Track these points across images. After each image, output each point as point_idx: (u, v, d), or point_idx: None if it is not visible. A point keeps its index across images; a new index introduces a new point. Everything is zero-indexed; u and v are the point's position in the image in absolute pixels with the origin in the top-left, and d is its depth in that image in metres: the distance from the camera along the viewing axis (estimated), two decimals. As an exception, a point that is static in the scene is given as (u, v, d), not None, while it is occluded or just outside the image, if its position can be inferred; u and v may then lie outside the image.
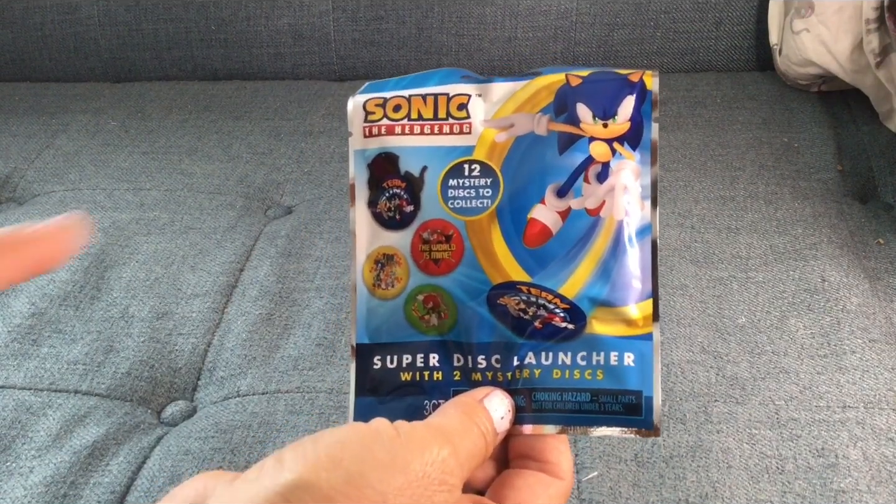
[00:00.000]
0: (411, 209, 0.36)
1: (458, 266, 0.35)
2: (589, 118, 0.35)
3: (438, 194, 0.36)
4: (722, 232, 0.73)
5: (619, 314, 0.34)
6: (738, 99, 0.93)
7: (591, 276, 0.34)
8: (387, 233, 0.36)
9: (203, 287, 0.71)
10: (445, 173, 0.36)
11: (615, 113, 0.35)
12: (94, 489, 0.55)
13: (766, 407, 0.56)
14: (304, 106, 0.99)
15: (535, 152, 0.35)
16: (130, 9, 1.06)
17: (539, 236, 0.34)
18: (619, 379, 0.34)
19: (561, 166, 0.35)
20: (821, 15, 0.87)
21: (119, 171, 0.88)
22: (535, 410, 0.34)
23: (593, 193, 0.34)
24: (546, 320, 0.34)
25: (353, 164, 0.37)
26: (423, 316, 0.35)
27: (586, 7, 1.01)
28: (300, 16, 1.04)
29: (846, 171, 0.81)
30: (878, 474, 0.51)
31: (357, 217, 0.37)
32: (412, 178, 0.36)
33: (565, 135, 0.35)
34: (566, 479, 0.33)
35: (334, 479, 0.26)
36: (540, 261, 0.34)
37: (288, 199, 0.84)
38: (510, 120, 0.35)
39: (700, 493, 0.51)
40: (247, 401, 0.60)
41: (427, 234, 0.36)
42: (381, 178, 0.36)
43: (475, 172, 0.35)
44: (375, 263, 0.36)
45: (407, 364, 0.35)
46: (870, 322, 0.62)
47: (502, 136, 0.35)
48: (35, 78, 1.10)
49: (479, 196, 0.35)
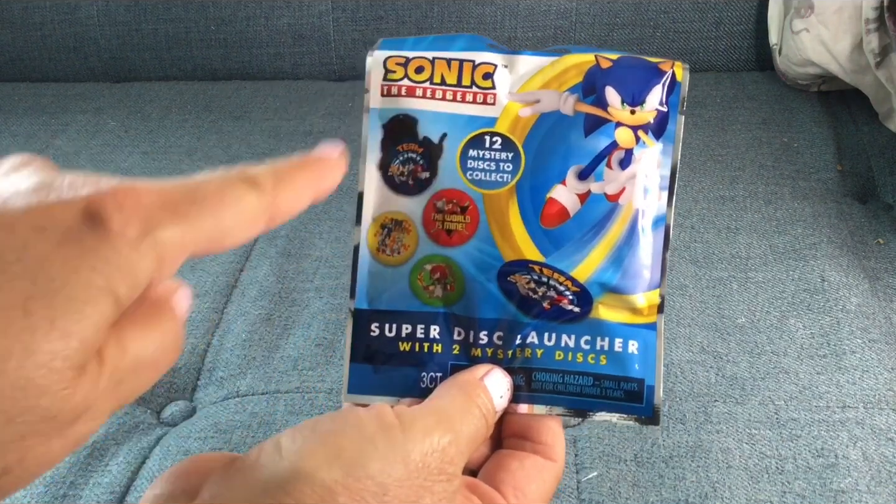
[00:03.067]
0: (426, 176, 0.35)
1: (471, 239, 0.34)
2: (617, 103, 0.34)
3: (457, 163, 0.35)
4: (722, 232, 0.73)
5: (626, 302, 0.34)
6: (738, 99, 0.93)
7: (604, 262, 0.34)
8: (397, 197, 0.35)
9: (202, 287, 0.71)
10: (466, 143, 0.35)
11: (643, 100, 0.34)
12: (93, 489, 0.55)
13: (765, 407, 0.56)
14: (304, 106, 0.99)
15: (560, 132, 0.34)
16: (130, 9, 1.05)
17: (556, 217, 0.34)
18: (622, 365, 0.34)
19: (585, 149, 0.34)
20: (820, 15, 0.87)
21: (119, 171, 0.88)
22: (533, 390, 0.34)
23: (614, 179, 0.34)
24: (555, 301, 0.34)
25: (366, 123, 0.36)
26: (428, 286, 0.35)
27: (586, 7, 1.01)
28: (300, 16, 1.04)
29: (846, 171, 0.81)
30: (877, 474, 0.51)
31: (366, 179, 0.35)
32: (430, 143, 0.35)
33: (592, 117, 0.34)
34: (559, 462, 0.33)
35: (335, 471, 0.25)
36: (555, 241, 0.34)
37: (288, 199, 0.84)
38: (536, 95, 0.35)
39: (700, 493, 0.51)
40: (246, 401, 0.60)
41: (441, 203, 0.35)
42: (396, 141, 0.35)
43: (496, 145, 0.35)
44: (382, 228, 0.35)
45: (407, 334, 0.35)
46: (869, 322, 0.62)
47: (527, 111, 0.35)
48: (35, 78, 1.10)
49: (499, 170, 0.35)
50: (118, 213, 0.22)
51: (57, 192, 0.23)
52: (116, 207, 0.23)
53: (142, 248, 0.23)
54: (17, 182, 0.23)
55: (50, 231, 0.22)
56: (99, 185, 0.23)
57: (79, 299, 0.21)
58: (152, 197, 0.24)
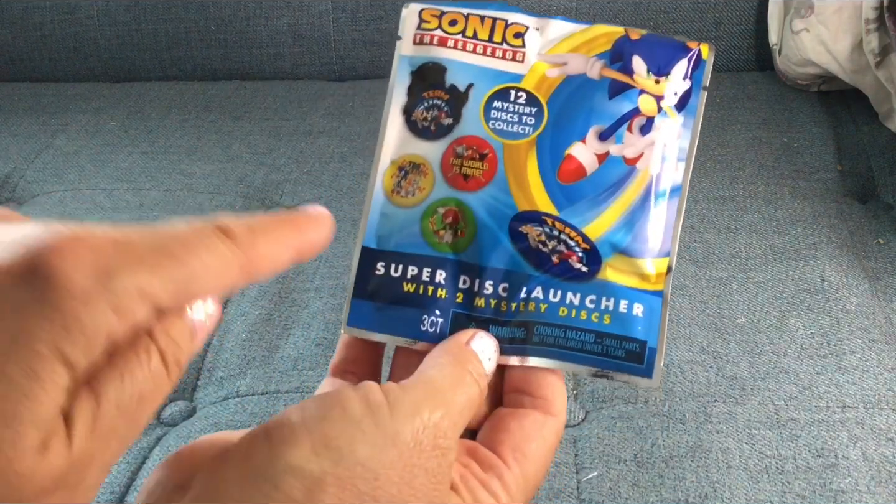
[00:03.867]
0: (449, 122, 0.36)
1: (487, 185, 0.35)
2: (643, 71, 0.35)
3: (481, 112, 0.35)
4: (722, 232, 0.73)
5: (635, 266, 0.34)
6: (738, 99, 0.93)
7: (617, 223, 0.34)
8: (418, 141, 0.36)
9: (203, 287, 0.71)
10: (491, 94, 0.35)
11: (669, 72, 0.35)
12: (93, 489, 0.55)
13: (765, 407, 0.56)
14: (304, 106, 0.99)
15: (584, 93, 0.35)
16: (130, 9, 1.06)
17: (574, 173, 0.34)
18: (625, 325, 0.34)
19: (607, 111, 0.35)
20: (820, 15, 0.87)
21: (119, 171, 0.88)
22: (535, 343, 0.34)
23: (634, 144, 0.35)
24: (564, 257, 0.34)
25: (395, 69, 0.36)
26: (439, 230, 0.35)
27: (586, 7, 1.01)
28: (300, 16, 1.04)
29: (846, 171, 0.81)
30: (877, 474, 0.51)
31: (389, 121, 0.36)
32: (456, 91, 0.36)
33: (617, 82, 0.35)
34: (559, 416, 0.33)
35: (324, 462, 0.25)
36: (570, 197, 0.34)
37: (287, 199, 0.84)
38: (564, 58, 0.36)
39: (700, 493, 0.51)
40: (246, 401, 0.60)
41: (461, 148, 0.35)
42: (423, 87, 0.36)
43: (521, 100, 0.35)
44: (399, 170, 0.36)
45: (412, 276, 0.35)
46: (869, 322, 0.62)
47: (554, 71, 0.36)
48: (35, 78, 1.10)
49: (521, 122, 0.35)
50: (63, 266, 0.21)
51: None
52: (63, 261, 0.21)
53: (93, 301, 0.21)
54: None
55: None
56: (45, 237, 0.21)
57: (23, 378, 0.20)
58: (105, 243, 0.22)
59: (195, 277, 0.24)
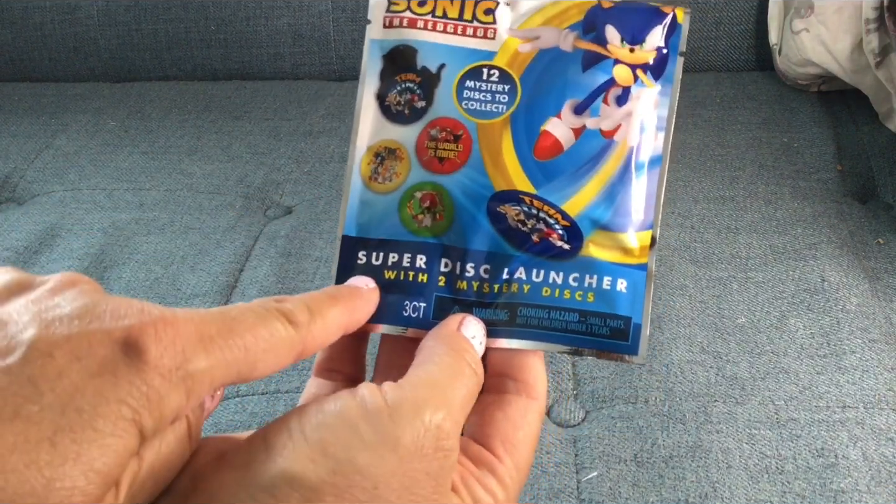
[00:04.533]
0: (423, 105, 0.35)
1: (462, 167, 0.34)
2: (617, 41, 0.34)
3: (453, 93, 0.35)
4: (722, 232, 0.73)
5: (617, 240, 0.34)
6: (738, 99, 0.93)
7: (596, 198, 0.34)
8: (393, 126, 0.35)
9: (203, 287, 0.71)
10: (463, 74, 0.35)
11: (643, 40, 0.34)
12: (93, 489, 0.55)
13: (765, 407, 0.56)
14: (304, 106, 0.99)
15: (558, 67, 0.35)
16: (130, 9, 1.06)
17: (550, 150, 0.34)
18: (609, 303, 0.33)
19: (582, 84, 0.34)
20: (820, 15, 0.87)
21: (119, 171, 0.88)
22: (520, 325, 0.33)
23: (610, 115, 0.34)
24: (544, 235, 0.34)
25: (367, 54, 0.36)
26: (417, 215, 0.34)
27: (586, 7, 1.01)
28: (300, 16, 1.04)
29: (846, 171, 0.81)
30: (877, 474, 0.51)
31: (363, 108, 0.36)
32: (428, 73, 0.35)
33: (590, 53, 0.35)
34: (541, 400, 0.33)
35: (321, 470, 0.25)
36: (547, 174, 0.34)
37: (287, 199, 0.84)
38: (536, 32, 0.35)
39: (700, 493, 0.51)
40: (246, 401, 0.60)
41: (435, 131, 0.35)
42: (395, 71, 0.36)
43: (494, 78, 0.35)
44: (375, 156, 0.35)
45: (393, 262, 0.34)
46: (869, 322, 0.62)
47: (526, 46, 0.35)
48: (35, 78, 1.10)
49: (494, 101, 0.35)
50: (155, 346, 0.23)
51: (99, 321, 0.23)
52: (154, 339, 0.23)
53: (173, 380, 0.23)
54: (62, 305, 0.24)
55: (86, 361, 0.22)
56: (141, 315, 0.24)
57: (105, 432, 0.22)
58: (189, 329, 0.24)
59: (257, 363, 0.26)
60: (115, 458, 0.22)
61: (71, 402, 0.22)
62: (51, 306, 0.23)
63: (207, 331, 0.25)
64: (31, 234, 0.78)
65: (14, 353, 0.22)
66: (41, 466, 0.21)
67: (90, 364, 0.22)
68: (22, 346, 0.22)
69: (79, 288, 0.25)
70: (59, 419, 0.21)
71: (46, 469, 0.21)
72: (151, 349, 0.23)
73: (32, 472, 0.20)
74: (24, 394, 0.21)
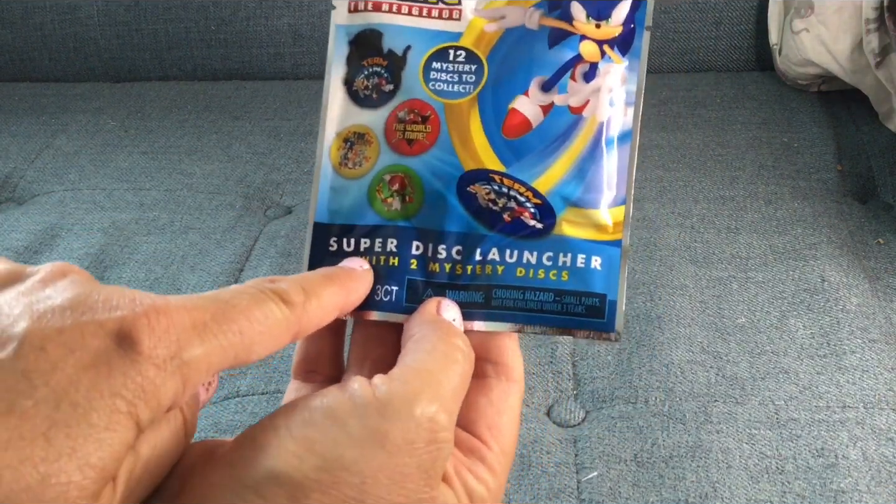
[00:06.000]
0: (390, 88, 0.35)
1: (431, 148, 0.34)
2: (582, 17, 0.34)
3: (420, 75, 0.35)
4: (722, 232, 0.73)
5: (589, 217, 0.33)
6: (738, 99, 0.93)
7: (567, 174, 0.33)
8: (361, 111, 0.35)
9: (203, 287, 0.71)
10: (430, 55, 0.35)
11: (609, 15, 0.34)
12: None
13: (765, 407, 0.56)
14: (304, 106, 0.99)
15: (524, 45, 0.34)
16: (130, 9, 1.06)
17: (518, 128, 0.34)
18: (584, 281, 0.33)
19: (548, 61, 0.34)
20: (820, 15, 0.87)
21: (119, 171, 0.88)
22: (493, 307, 0.33)
23: (578, 92, 0.34)
24: (515, 214, 0.33)
25: (332, 40, 0.36)
26: (387, 198, 0.34)
27: None
28: (300, 16, 1.04)
29: (846, 171, 0.81)
30: (877, 474, 0.51)
31: (330, 94, 0.36)
32: (394, 56, 0.35)
33: (556, 30, 0.34)
34: (520, 382, 0.32)
35: (306, 467, 0.25)
36: (516, 152, 0.34)
37: (287, 199, 0.84)
38: (502, 11, 0.35)
39: (700, 493, 0.51)
40: (246, 401, 0.60)
41: (403, 113, 0.35)
42: (361, 56, 0.36)
43: (460, 58, 0.35)
44: (344, 142, 0.35)
45: (365, 248, 0.34)
46: (869, 322, 0.62)
47: (492, 26, 0.35)
48: (35, 78, 1.10)
49: (461, 81, 0.35)
50: (148, 336, 0.23)
51: (91, 312, 0.23)
52: (147, 329, 0.23)
53: (169, 370, 0.23)
54: (53, 296, 0.23)
55: (80, 353, 0.22)
56: (133, 304, 0.23)
57: (100, 427, 0.21)
58: (183, 316, 0.24)
59: (253, 346, 0.25)
60: (111, 453, 0.22)
61: (65, 396, 0.21)
62: (42, 298, 0.23)
63: (201, 317, 0.24)
64: (31, 234, 0.78)
65: (6, 348, 0.22)
66: (36, 462, 0.20)
67: (84, 357, 0.22)
68: (14, 340, 0.22)
69: (70, 278, 0.24)
70: (54, 414, 0.21)
71: (42, 465, 0.20)
72: (145, 340, 0.22)
73: (27, 469, 0.20)
74: (18, 389, 0.21)
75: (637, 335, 0.62)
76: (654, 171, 0.81)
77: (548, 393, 0.59)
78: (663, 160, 0.83)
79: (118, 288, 0.24)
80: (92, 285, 0.24)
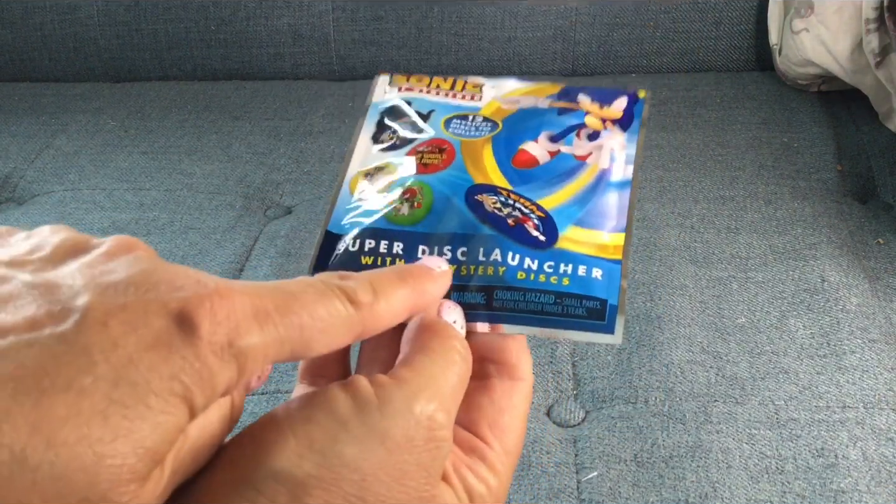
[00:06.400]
0: (413, 136, 0.39)
1: (445, 169, 0.37)
2: (587, 101, 0.39)
3: (441, 125, 0.39)
4: (722, 232, 0.73)
5: (591, 236, 0.35)
6: (738, 99, 0.93)
7: (569, 200, 0.36)
8: (384, 154, 0.38)
9: (203, 287, 0.71)
10: (451, 116, 0.39)
11: (611, 103, 0.39)
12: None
13: (765, 407, 0.56)
14: (304, 106, 0.99)
15: (535, 114, 0.39)
16: (130, 9, 1.06)
17: (527, 163, 0.37)
18: (584, 286, 0.34)
19: (557, 122, 0.38)
20: (820, 15, 0.87)
21: (119, 171, 0.88)
22: (494, 308, 0.34)
23: (582, 146, 0.38)
24: (520, 220, 0.35)
25: (367, 114, 0.40)
26: (396, 205, 0.36)
27: (586, 7, 1.01)
28: (300, 16, 1.04)
29: (846, 171, 0.81)
30: (877, 474, 0.51)
31: (357, 146, 0.39)
32: (420, 114, 0.40)
33: (564, 108, 0.39)
34: (527, 380, 0.32)
35: (308, 465, 0.24)
36: (524, 178, 0.37)
37: (287, 199, 0.84)
38: (517, 99, 0.40)
39: (700, 493, 0.51)
40: (246, 401, 0.60)
41: (423, 148, 0.38)
42: (391, 119, 0.40)
43: (478, 120, 0.39)
44: (365, 176, 0.38)
45: (370, 249, 0.35)
46: (869, 322, 0.62)
47: (507, 105, 0.40)
48: (35, 78, 1.10)
49: (478, 130, 0.39)
50: (209, 320, 0.22)
51: (155, 290, 0.22)
52: (209, 313, 0.22)
53: (226, 356, 0.22)
54: (118, 270, 0.23)
55: (142, 332, 0.21)
56: (197, 286, 0.23)
57: (157, 409, 0.21)
58: (245, 303, 0.23)
59: (312, 342, 0.25)
60: (164, 436, 0.21)
61: (125, 375, 0.21)
62: (105, 271, 0.23)
63: (263, 305, 0.24)
64: (31, 234, 0.78)
65: (68, 320, 0.21)
66: (92, 442, 0.20)
67: (145, 335, 0.21)
68: (76, 313, 0.21)
69: (135, 254, 0.24)
70: (113, 392, 0.20)
71: (98, 445, 0.20)
72: (205, 324, 0.22)
73: (84, 448, 0.20)
74: (78, 364, 0.20)
75: (637, 335, 0.62)
76: (654, 171, 0.81)
77: (548, 393, 0.59)
78: (663, 160, 0.83)
79: (183, 268, 0.24)
80: (157, 262, 0.24)
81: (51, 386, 0.20)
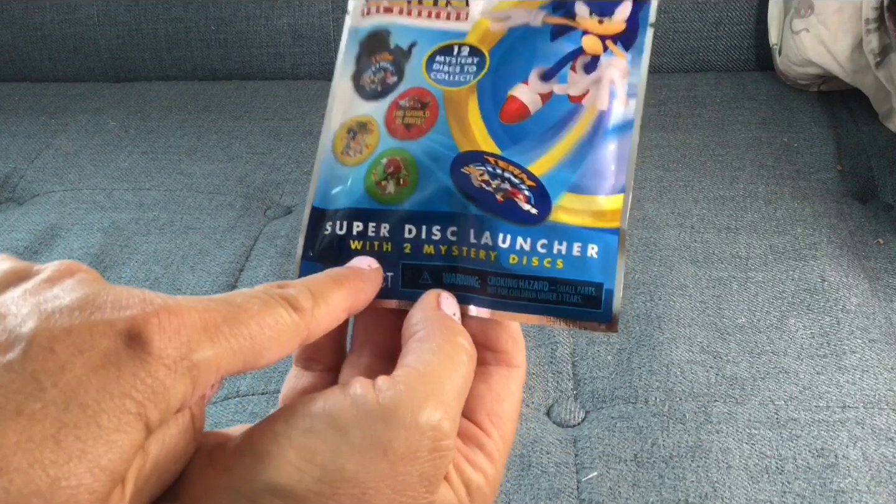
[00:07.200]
0: (394, 80, 0.36)
1: (428, 132, 0.34)
2: (585, 13, 0.35)
3: (423, 67, 0.36)
4: (722, 232, 0.73)
5: (587, 203, 0.33)
6: (738, 99, 0.93)
7: (563, 159, 0.33)
8: (365, 102, 0.36)
9: (203, 287, 0.71)
10: (434, 51, 0.36)
11: (612, 12, 0.35)
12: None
13: (765, 407, 0.56)
14: (304, 106, 0.99)
15: (526, 39, 0.35)
16: (130, 9, 1.06)
17: (516, 113, 0.34)
18: (579, 269, 0.32)
19: (549, 52, 0.34)
20: (820, 15, 0.87)
21: (119, 171, 0.88)
22: (489, 295, 0.33)
23: (578, 82, 0.34)
24: (509, 195, 0.33)
25: (344, 42, 0.37)
26: (381, 181, 0.34)
27: None
28: (300, 16, 1.04)
29: (846, 171, 0.81)
30: (877, 474, 0.51)
31: (338, 89, 0.37)
32: (400, 51, 0.36)
33: (558, 26, 0.35)
34: (521, 366, 0.32)
35: (307, 479, 0.24)
36: (513, 136, 0.34)
37: (287, 199, 0.84)
38: (507, 13, 0.36)
39: (700, 493, 0.51)
40: (246, 401, 0.60)
41: (404, 101, 0.35)
42: (370, 53, 0.37)
43: (464, 53, 0.36)
44: (348, 132, 0.36)
45: (358, 232, 0.34)
46: (869, 322, 0.62)
47: (497, 25, 0.36)
48: (35, 78, 1.10)
49: (462, 72, 0.35)
50: (159, 336, 0.22)
51: (100, 312, 0.22)
52: (158, 330, 0.22)
53: (179, 371, 0.23)
54: (61, 295, 0.23)
55: (89, 354, 0.22)
56: (143, 304, 0.23)
57: (110, 428, 0.21)
58: (193, 317, 0.23)
59: (262, 350, 0.25)
60: (120, 454, 0.21)
61: (74, 398, 0.21)
62: (50, 297, 0.23)
63: (212, 319, 0.24)
64: (31, 234, 0.78)
65: (14, 349, 0.21)
66: (46, 465, 0.20)
67: (93, 357, 0.22)
68: (22, 341, 0.21)
69: (77, 277, 0.24)
70: (63, 416, 0.21)
71: (51, 468, 0.20)
72: (155, 340, 0.22)
73: (37, 472, 0.20)
74: (27, 391, 0.21)
75: (637, 335, 0.62)
76: (654, 171, 0.81)
77: (548, 393, 0.59)
78: (663, 160, 0.83)
79: (127, 287, 0.24)
80: (100, 284, 0.24)
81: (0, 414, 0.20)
